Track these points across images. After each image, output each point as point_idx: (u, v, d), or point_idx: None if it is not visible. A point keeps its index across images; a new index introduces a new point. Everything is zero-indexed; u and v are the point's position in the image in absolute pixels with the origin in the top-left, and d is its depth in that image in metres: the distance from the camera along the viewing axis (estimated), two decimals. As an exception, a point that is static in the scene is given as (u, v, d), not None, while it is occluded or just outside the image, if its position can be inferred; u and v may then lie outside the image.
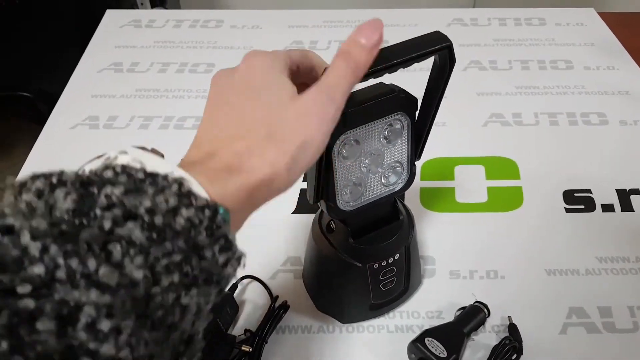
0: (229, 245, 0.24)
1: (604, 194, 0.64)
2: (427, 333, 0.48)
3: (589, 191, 0.64)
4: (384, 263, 0.47)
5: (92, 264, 0.19)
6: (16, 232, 0.19)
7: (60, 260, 0.19)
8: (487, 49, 0.88)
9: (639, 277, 0.55)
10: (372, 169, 0.43)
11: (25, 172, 0.66)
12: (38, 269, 0.18)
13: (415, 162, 0.45)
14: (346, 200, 0.43)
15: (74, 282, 0.19)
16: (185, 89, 0.80)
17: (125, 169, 0.22)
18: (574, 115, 0.75)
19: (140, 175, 0.22)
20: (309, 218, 0.51)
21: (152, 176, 0.23)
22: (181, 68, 0.84)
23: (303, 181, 0.62)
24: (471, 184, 0.66)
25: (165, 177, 0.23)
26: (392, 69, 0.34)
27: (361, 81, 0.32)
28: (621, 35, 0.90)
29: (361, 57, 0.30)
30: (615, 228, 0.60)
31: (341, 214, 0.43)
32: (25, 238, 0.19)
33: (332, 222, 0.47)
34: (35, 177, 0.21)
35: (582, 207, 0.62)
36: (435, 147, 0.69)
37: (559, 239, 0.59)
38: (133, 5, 1.69)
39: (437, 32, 0.36)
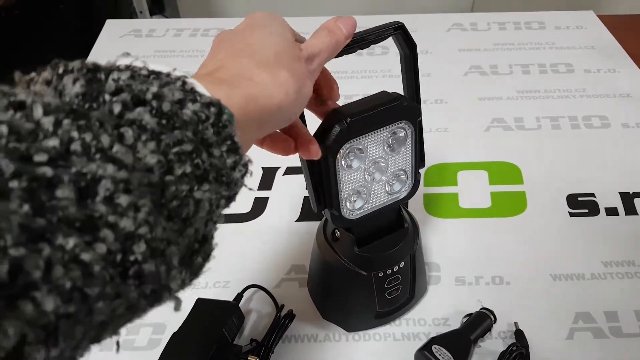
0: (235, 147, 0.24)
1: (607, 198, 0.64)
2: (434, 341, 0.47)
3: (592, 195, 0.64)
4: (389, 271, 0.47)
5: (105, 140, 0.19)
6: (28, 107, 0.19)
7: (75, 134, 0.19)
8: (487, 54, 0.88)
9: (644, 281, 0.55)
10: (376, 177, 0.43)
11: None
12: (53, 142, 0.18)
13: (420, 170, 0.45)
14: (350, 208, 0.43)
15: (89, 155, 0.19)
16: (186, 98, 0.80)
17: (128, 66, 0.23)
18: (576, 119, 0.75)
19: (144, 72, 0.22)
20: (313, 226, 0.51)
21: (156, 73, 0.23)
22: (182, 77, 0.84)
23: (306, 188, 0.62)
24: (474, 190, 0.66)
25: (168, 74, 0.23)
26: (349, 47, 0.36)
27: None
28: (621, 37, 0.90)
29: (341, 38, 0.34)
30: (620, 232, 0.60)
31: (346, 222, 0.43)
32: (38, 112, 0.19)
33: (336, 230, 0.47)
34: (41, 70, 0.22)
35: (586, 211, 0.62)
36: (438, 152, 0.70)
37: (564, 244, 0.59)
38: (132, 14, 1.69)
39: (393, 21, 0.39)
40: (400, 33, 0.39)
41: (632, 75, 0.82)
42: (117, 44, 0.92)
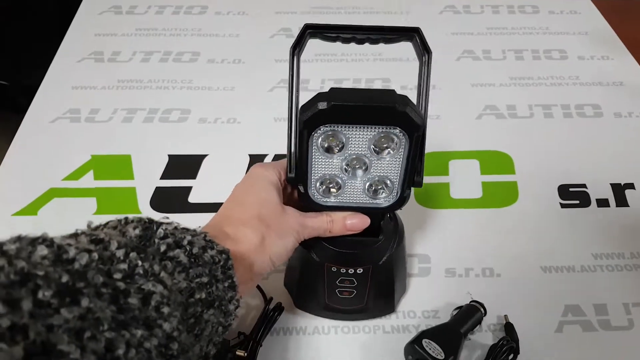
0: (233, 285, 0.34)
1: (598, 189, 0.63)
2: (424, 334, 0.47)
3: (584, 186, 0.64)
4: (342, 270, 0.45)
5: (156, 268, 0.29)
6: (105, 242, 0.28)
7: (139, 262, 0.28)
8: (480, 38, 0.86)
9: (634, 273, 0.55)
10: (357, 174, 0.40)
11: (3, 172, 0.64)
12: (123, 266, 0.27)
13: (412, 188, 0.41)
14: (320, 193, 0.41)
15: (147, 277, 0.28)
16: (169, 79, 0.77)
17: (170, 222, 0.34)
18: (569, 107, 0.74)
19: (181, 227, 0.34)
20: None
21: (187, 228, 0.34)
22: (165, 57, 0.81)
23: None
24: (466, 179, 0.65)
25: (194, 230, 0.34)
26: (360, 40, 0.37)
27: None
28: (615, 23, 0.89)
29: (337, 231, 0.43)
30: (610, 223, 0.60)
31: (312, 204, 0.41)
32: (113, 246, 0.28)
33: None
34: (108, 222, 0.32)
35: (577, 202, 0.62)
36: (429, 141, 0.68)
37: (554, 235, 0.59)
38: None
39: (412, 27, 0.39)
40: (415, 38, 0.37)
41: (625, 63, 0.82)
42: (96, 21, 0.88)
